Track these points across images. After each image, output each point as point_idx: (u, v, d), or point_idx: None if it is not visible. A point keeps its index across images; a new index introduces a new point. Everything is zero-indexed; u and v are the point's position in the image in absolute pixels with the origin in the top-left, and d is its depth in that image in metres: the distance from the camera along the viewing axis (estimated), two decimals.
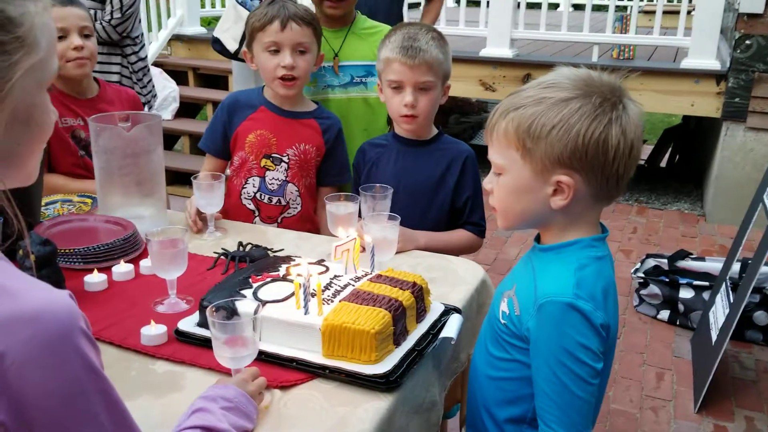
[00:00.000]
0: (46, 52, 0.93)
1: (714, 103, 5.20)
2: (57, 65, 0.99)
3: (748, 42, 4.95)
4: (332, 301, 1.52)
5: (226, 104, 2.45)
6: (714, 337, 3.17)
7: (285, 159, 2.40)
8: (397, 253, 1.96)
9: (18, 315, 0.82)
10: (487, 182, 1.43)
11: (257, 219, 2.44)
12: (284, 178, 2.41)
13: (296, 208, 2.45)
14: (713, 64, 5.19)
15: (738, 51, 4.99)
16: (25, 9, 0.90)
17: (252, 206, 2.43)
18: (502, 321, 1.43)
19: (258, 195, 2.42)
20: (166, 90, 6.07)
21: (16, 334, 0.81)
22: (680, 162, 6.73)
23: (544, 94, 1.31)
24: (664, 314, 3.83)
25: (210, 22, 8.24)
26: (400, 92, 2.18)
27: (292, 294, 1.53)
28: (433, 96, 2.19)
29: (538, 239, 1.45)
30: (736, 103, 5.06)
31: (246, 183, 2.41)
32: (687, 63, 5.27)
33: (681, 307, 3.76)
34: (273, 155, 2.40)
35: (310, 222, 2.50)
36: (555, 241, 1.39)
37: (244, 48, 2.45)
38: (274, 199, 2.42)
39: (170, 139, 6.24)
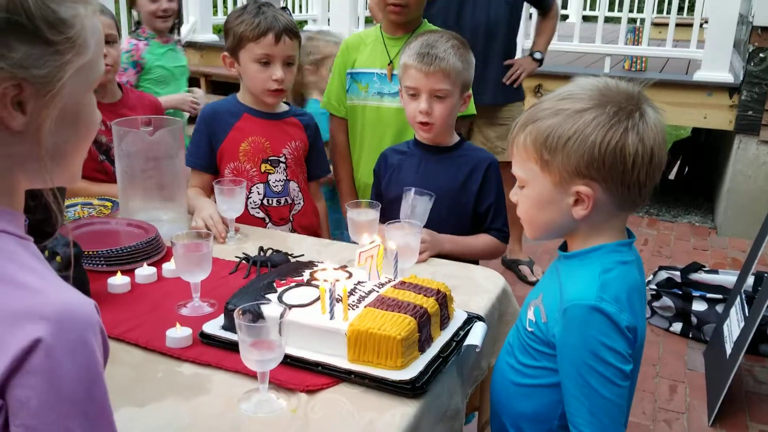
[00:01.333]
0: (94, 53, 0.95)
1: (727, 115, 5.20)
2: (103, 67, 1.00)
3: (762, 55, 4.94)
4: (357, 307, 1.52)
5: (206, 117, 2.44)
6: (728, 350, 3.16)
7: (282, 159, 2.43)
8: (420, 259, 1.98)
9: (38, 311, 0.82)
10: (513, 194, 1.45)
11: (269, 224, 2.45)
12: (285, 178, 2.45)
13: (300, 203, 2.49)
14: (726, 76, 5.18)
15: (751, 64, 4.99)
16: (76, 11, 0.91)
17: (261, 214, 2.43)
18: (529, 329, 1.44)
19: (265, 201, 2.43)
20: None
21: (36, 329, 0.81)
22: (690, 174, 6.73)
23: (561, 105, 1.33)
24: (677, 326, 3.81)
25: (222, 30, 8.28)
26: (416, 99, 2.18)
27: (317, 299, 1.54)
28: (449, 104, 2.18)
29: (563, 248, 1.46)
30: (749, 116, 5.05)
31: (250, 192, 2.41)
32: (700, 75, 5.27)
33: (694, 319, 3.75)
34: (270, 158, 2.42)
35: (315, 213, 2.57)
36: (580, 248, 1.40)
37: (224, 53, 2.44)
38: (282, 200, 2.45)
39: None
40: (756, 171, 5.11)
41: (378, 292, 1.60)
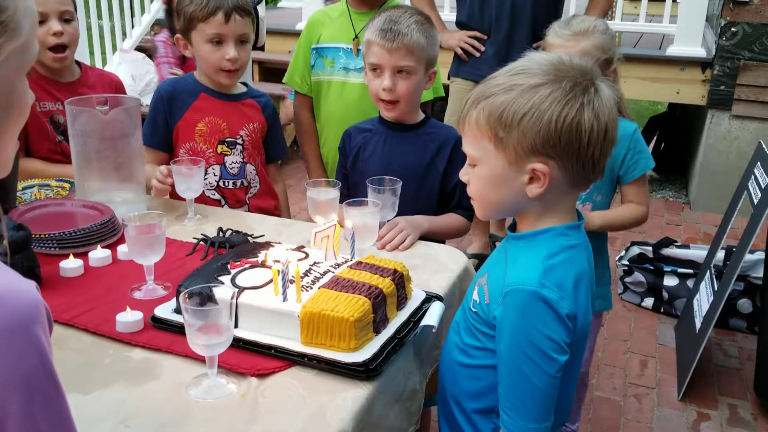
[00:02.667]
0: (28, 35, 0.91)
1: (699, 90, 5.19)
2: (38, 48, 0.97)
3: (733, 29, 4.94)
4: (311, 288, 1.49)
5: (164, 95, 2.38)
6: (698, 324, 3.17)
7: (239, 141, 2.40)
8: (404, 247, 1.99)
9: None
10: (463, 173, 1.41)
11: (225, 206, 2.41)
12: (242, 160, 2.41)
13: (256, 186, 2.46)
14: (699, 51, 5.17)
15: (724, 38, 4.98)
16: None
17: (217, 195, 2.40)
18: (473, 309, 1.42)
19: (221, 182, 2.39)
20: (149, 75, 5.99)
21: None
22: (666, 150, 6.73)
23: (514, 81, 1.28)
24: (649, 302, 3.83)
25: None
26: (379, 76, 2.14)
27: (271, 280, 1.51)
28: (413, 81, 2.14)
29: (512, 228, 1.43)
30: (721, 91, 5.06)
31: (206, 174, 2.36)
32: (672, 50, 5.25)
33: (665, 294, 3.76)
34: (227, 140, 2.38)
35: (272, 196, 2.53)
36: (529, 229, 1.37)
37: (177, 35, 2.38)
38: (238, 182, 2.41)
39: None
40: (728, 146, 5.12)
41: (333, 272, 1.57)
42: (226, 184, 2.40)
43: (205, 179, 2.33)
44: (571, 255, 1.32)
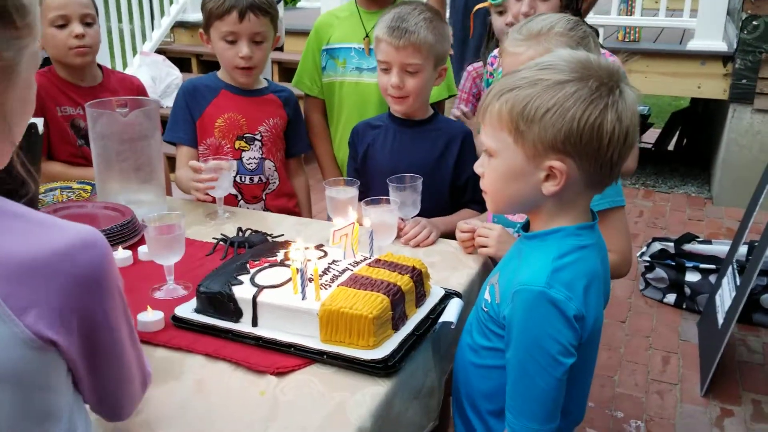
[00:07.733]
0: (39, 40, 0.98)
1: (721, 85, 5.15)
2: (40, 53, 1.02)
3: (755, 23, 4.89)
4: (330, 286, 1.50)
5: (186, 92, 2.43)
6: (720, 320, 3.15)
7: (258, 137, 2.42)
8: (428, 242, 2.01)
9: (73, 241, 0.90)
10: (478, 165, 1.39)
11: (241, 202, 2.43)
12: (260, 156, 2.43)
13: (275, 182, 2.48)
14: (720, 45, 5.13)
15: (745, 32, 4.93)
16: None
17: (234, 190, 2.41)
18: (485, 308, 1.42)
19: (238, 178, 2.41)
20: (170, 77, 6.04)
21: (77, 257, 0.89)
22: (688, 145, 6.68)
23: (540, 75, 1.27)
24: (671, 298, 3.80)
25: None
26: (388, 73, 2.15)
27: (290, 279, 1.52)
28: (421, 78, 2.14)
29: (525, 227, 1.42)
30: (743, 85, 5.01)
31: None
32: (693, 45, 5.21)
33: (687, 290, 3.73)
34: (245, 135, 2.41)
35: (291, 195, 2.55)
36: (541, 228, 1.36)
37: (200, 30, 2.43)
38: (255, 178, 2.43)
39: None
40: (750, 140, 5.07)
41: (352, 270, 1.57)
42: (243, 179, 2.42)
43: None
44: (582, 255, 1.31)
